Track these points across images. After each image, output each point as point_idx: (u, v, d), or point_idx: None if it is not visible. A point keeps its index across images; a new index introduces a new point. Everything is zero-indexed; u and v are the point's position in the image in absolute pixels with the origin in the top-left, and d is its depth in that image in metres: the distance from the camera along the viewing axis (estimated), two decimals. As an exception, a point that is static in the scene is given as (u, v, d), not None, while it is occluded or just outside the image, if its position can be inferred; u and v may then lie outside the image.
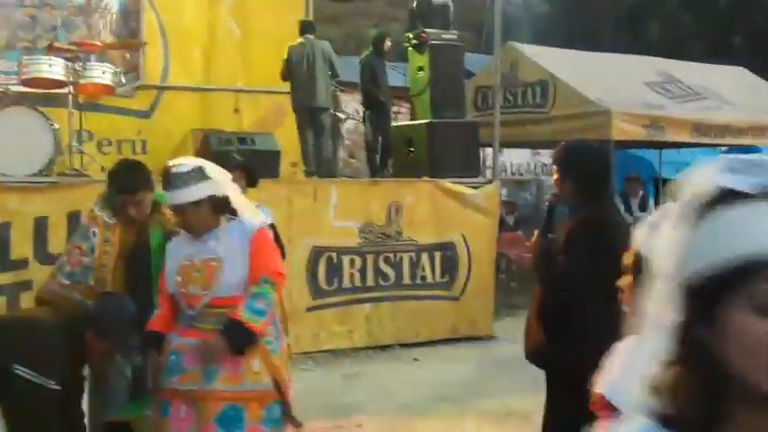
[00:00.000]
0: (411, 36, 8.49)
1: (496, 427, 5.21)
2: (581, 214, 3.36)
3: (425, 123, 8.10)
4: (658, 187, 11.84)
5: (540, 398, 5.96)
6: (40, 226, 6.05)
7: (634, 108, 9.51)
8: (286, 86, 8.23)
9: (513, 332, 8.24)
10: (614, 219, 3.50)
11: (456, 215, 7.81)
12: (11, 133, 6.33)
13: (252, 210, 3.37)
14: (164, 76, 9.04)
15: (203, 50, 9.03)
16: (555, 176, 3.48)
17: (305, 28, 8.19)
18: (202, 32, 9.01)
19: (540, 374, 6.19)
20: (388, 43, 8.62)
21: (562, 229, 3.44)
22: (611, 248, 3.16)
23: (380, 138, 8.58)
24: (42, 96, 7.18)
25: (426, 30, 8.26)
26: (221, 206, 3.21)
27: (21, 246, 6.03)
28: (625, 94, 9.71)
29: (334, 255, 7.33)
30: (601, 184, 3.48)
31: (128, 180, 3.56)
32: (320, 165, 8.07)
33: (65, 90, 6.95)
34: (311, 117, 8.05)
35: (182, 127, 8.69)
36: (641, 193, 10.81)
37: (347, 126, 10.10)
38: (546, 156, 15.08)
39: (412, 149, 8.13)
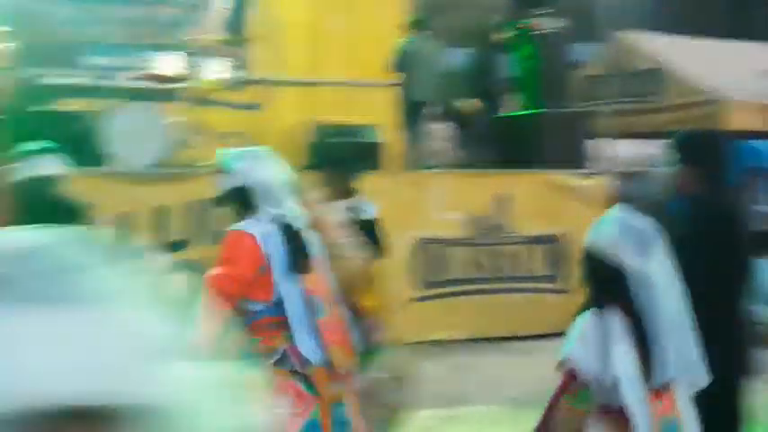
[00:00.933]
0: (518, 25, 8.40)
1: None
2: (706, 204, 3.25)
3: (533, 114, 8.00)
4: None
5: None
6: (160, 215, 6.30)
7: (749, 97, 9.13)
8: (390, 79, 8.30)
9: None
10: (740, 208, 3.38)
11: (563, 207, 7.69)
12: (131, 128, 6.62)
13: None
14: (272, 70, 9.25)
15: (310, 44, 9.19)
16: (671, 167, 3.33)
17: (415, 24, 8.25)
18: (309, 27, 9.17)
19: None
20: (498, 34, 8.56)
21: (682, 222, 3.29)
22: (740, 239, 3.08)
23: (486, 129, 8.53)
24: (159, 91, 7.47)
25: (533, 19, 8.16)
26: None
27: (140, 234, 6.29)
28: (739, 83, 9.33)
29: (440, 246, 7.34)
30: (724, 171, 3.36)
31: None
32: (424, 157, 8.10)
33: (181, 85, 7.21)
34: (417, 110, 8.10)
35: (288, 120, 8.87)
36: (760, 183, 10.37)
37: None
38: (653, 147, 14.65)
39: (519, 140, 8.04)
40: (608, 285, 2.65)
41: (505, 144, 8.25)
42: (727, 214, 3.25)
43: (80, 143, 6.09)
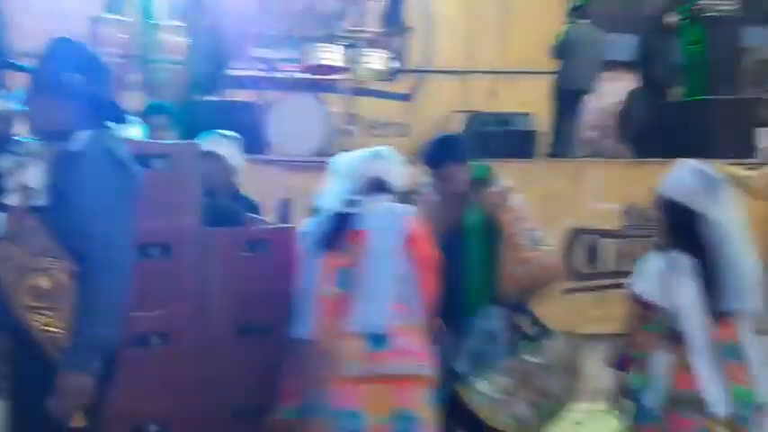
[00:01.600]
0: (685, 7, 8.06)
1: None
2: None
3: (698, 101, 7.67)
4: None
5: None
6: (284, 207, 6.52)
7: None
8: (547, 67, 8.18)
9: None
10: None
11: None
12: (292, 117, 6.91)
13: None
14: (426, 60, 9.35)
15: (464, 34, 9.21)
16: None
17: (577, 10, 8.09)
18: (464, 16, 9.19)
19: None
20: (670, 17, 8.23)
21: None
22: None
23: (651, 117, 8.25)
24: (319, 82, 7.73)
25: (702, 1, 7.80)
26: None
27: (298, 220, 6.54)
28: None
29: (593, 237, 7.19)
30: None
31: (433, 155, 3.48)
32: (572, 147, 7.96)
33: (341, 76, 7.43)
34: (575, 99, 7.96)
35: (441, 109, 8.93)
36: None
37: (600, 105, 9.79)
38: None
39: (684, 128, 7.72)
40: (681, 227, 3.12)
41: (671, 132, 7.94)
42: None
43: (245, 132, 6.38)
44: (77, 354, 2.33)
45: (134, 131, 3.56)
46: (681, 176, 3.20)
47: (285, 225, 4.13)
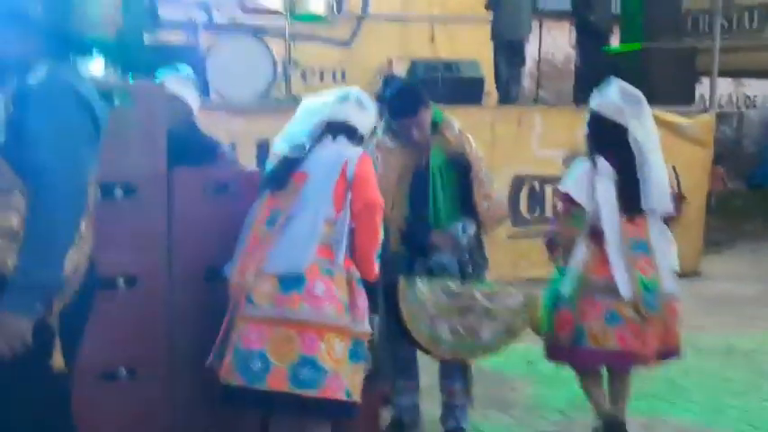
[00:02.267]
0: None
1: (719, 362, 5.04)
2: None
3: (638, 49, 7.76)
4: None
5: (761, 337, 5.75)
6: (263, 148, 6.38)
7: None
8: (483, 15, 8.14)
9: (716, 270, 7.97)
10: None
11: (667, 146, 7.45)
12: (234, 60, 6.70)
13: None
14: (364, 6, 9.19)
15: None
16: None
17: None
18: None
19: (759, 313, 5.96)
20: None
21: None
22: None
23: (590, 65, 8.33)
24: (258, 26, 7.51)
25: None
26: None
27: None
28: None
29: (536, 183, 7.27)
30: None
31: (406, 103, 3.57)
32: (513, 95, 7.99)
33: (280, 20, 7.23)
34: (511, 49, 7.95)
35: (380, 56, 8.82)
36: None
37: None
38: (751, 87, 14.11)
39: (623, 76, 7.81)
40: (606, 137, 3.63)
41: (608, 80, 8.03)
42: None
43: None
44: (18, 295, 2.19)
45: (96, 66, 3.36)
46: (609, 94, 3.71)
47: (252, 169, 3.95)
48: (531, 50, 8.80)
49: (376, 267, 2.99)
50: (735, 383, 4.74)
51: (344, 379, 2.82)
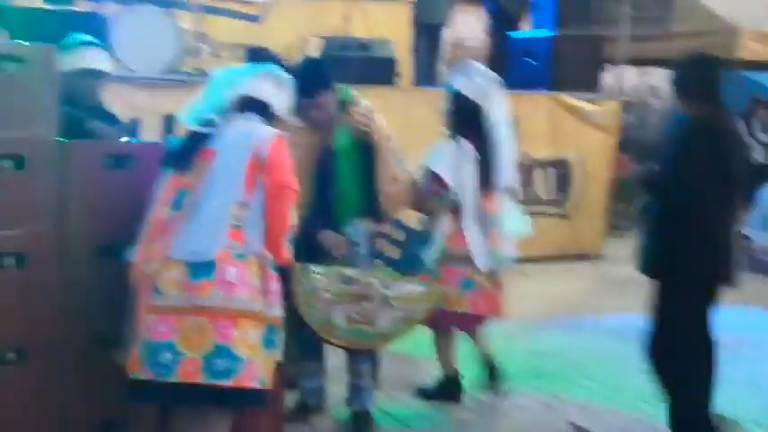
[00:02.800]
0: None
1: (619, 342, 5.17)
2: (691, 118, 3.43)
3: (548, 35, 7.87)
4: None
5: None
6: (168, 123, 6.17)
7: (762, 26, 9.01)
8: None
9: (618, 253, 8.20)
10: (725, 123, 3.52)
11: (574, 131, 7.64)
12: (139, 32, 6.45)
13: None
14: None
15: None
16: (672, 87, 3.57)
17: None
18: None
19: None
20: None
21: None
22: (723, 151, 3.35)
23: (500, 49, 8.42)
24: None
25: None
26: None
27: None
28: (754, 10, 9.18)
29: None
30: (705, 87, 3.47)
31: (306, 83, 3.45)
32: (430, 79, 8.02)
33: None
34: (430, 32, 7.97)
35: (293, 33, 8.66)
36: (764, 115, 10.35)
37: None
38: (655, 77, 14.52)
39: (532, 61, 7.93)
40: (466, 116, 3.95)
41: (521, 65, 8.13)
42: (717, 131, 3.40)
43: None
44: None
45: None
46: (470, 75, 3.98)
47: (154, 141, 3.78)
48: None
49: (287, 252, 2.88)
50: (634, 362, 4.87)
51: (258, 367, 2.72)
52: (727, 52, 8.77)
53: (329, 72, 3.64)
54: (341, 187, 3.62)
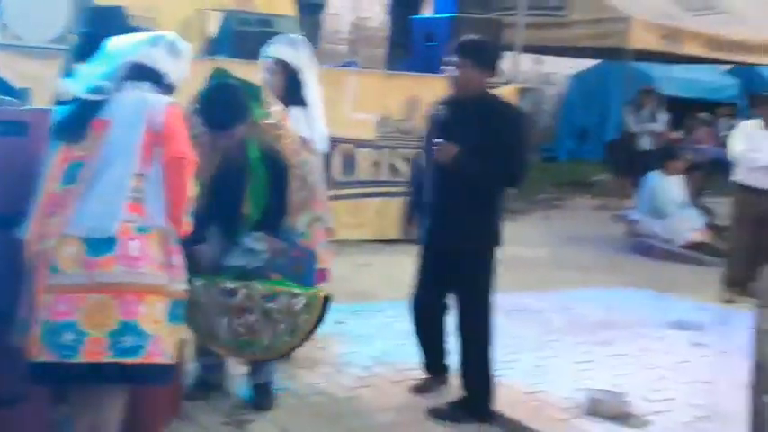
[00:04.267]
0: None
1: (512, 320, 5.31)
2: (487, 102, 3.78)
3: (448, 17, 7.96)
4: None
5: (550, 297, 6.14)
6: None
7: (653, 17, 9.38)
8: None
9: (512, 235, 8.39)
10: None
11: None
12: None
13: None
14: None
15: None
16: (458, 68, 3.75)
17: None
18: None
19: (549, 275, 6.26)
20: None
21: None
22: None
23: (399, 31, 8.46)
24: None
25: None
26: None
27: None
28: (644, 2, 9.56)
29: (349, 147, 7.31)
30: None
31: (220, 115, 3.35)
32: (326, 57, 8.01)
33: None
34: (311, 12, 7.93)
35: (189, 6, 8.45)
36: (652, 104, 10.80)
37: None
38: (549, 65, 14.95)
39: (433, 43, 7.99)
40: (292, 84, 4.09)
41: (419, 47, 8.19)
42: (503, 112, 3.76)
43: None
44: None
45: None
46: (288, 43, 4.17)
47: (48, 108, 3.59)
48: (346, 16, 8.79)
49: (187, 224, 2.82)
50: (526, 340, 5.04)
51: (165, 342, 2.66)
52: (620, 42, 9.11)
53: (244, 102, 3.42)
54: (245, 199, 3.49)
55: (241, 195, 3.47)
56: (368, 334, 4.92)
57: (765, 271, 3.12)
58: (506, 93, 8.07)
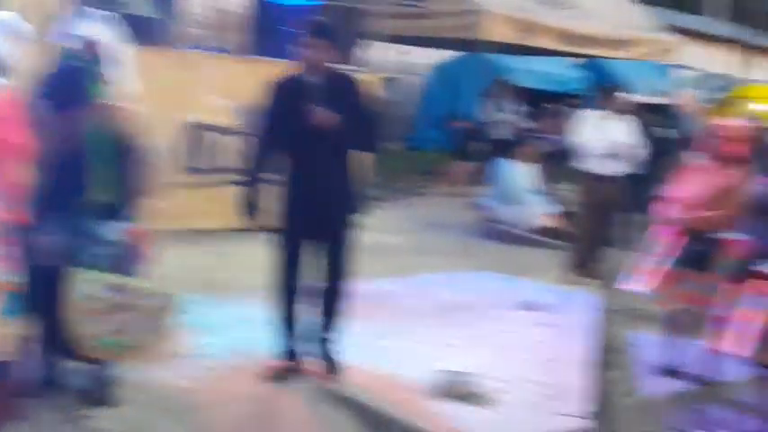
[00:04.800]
0: None
1: (362, 305, 5.37)
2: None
3: (310, 5, 7.93)
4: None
5: (407, 281, 6.22)
6: None
7: (509, 10, 9.66)
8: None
9: (374, 223, 8.47)
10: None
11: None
12: None
13: None
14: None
15: None
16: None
17: None
18: None
19: (407, 261, 6.26)
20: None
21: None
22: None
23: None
24: None
25: None
26: None
27: None
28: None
29: (207, 132, 7.16)
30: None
31: (66, 95, 3.26)
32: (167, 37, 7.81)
33: None
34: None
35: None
36: (506, 95, 11.12)
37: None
38: (412, 55, 15.13)
39: (290, 29, 7.94)
40: None
41: (278, 33, 8.12)
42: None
43: None
44: None
45: None
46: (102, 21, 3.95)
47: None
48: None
49: (21, 213, 2.67)
50: (379, 324, 5.10)
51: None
52: (477, 34, 9.35)
53: (87, 84, 3.33)
54: (90, 184, 3.38)
55: (84, 180, 3.35)
56: (222, 324, 4.85)
57: (608, 254, 3.28)
58: (370, 81, 8.14)
